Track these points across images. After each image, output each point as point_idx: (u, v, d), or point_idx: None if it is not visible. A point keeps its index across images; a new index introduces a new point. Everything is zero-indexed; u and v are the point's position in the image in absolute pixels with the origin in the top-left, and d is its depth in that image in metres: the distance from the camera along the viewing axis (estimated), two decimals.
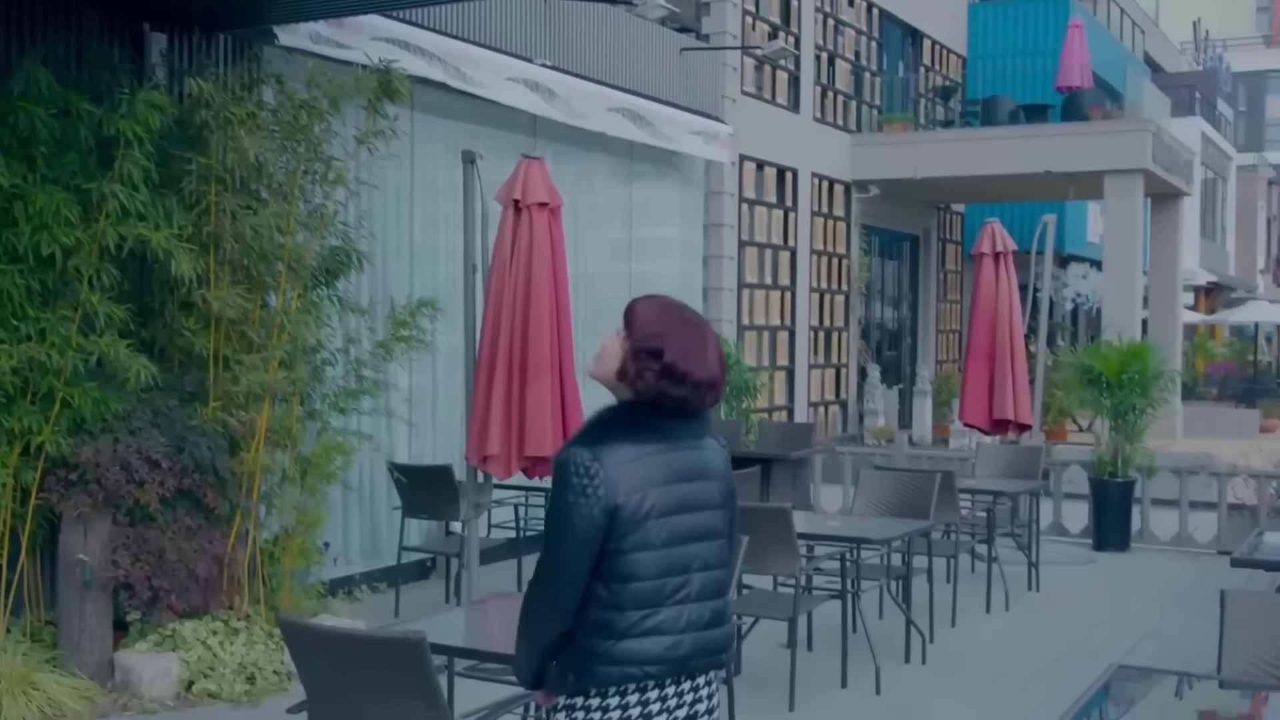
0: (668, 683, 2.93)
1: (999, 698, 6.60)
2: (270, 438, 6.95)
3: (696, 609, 2.94)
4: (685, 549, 2.93)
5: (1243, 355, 35.71)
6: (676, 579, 2.91)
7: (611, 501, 2.84)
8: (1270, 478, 11.32)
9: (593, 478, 2.85)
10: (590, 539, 2.84)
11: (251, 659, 6.45)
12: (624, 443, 2.90)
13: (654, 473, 2.90)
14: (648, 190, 12.64)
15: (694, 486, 2.96)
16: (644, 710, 2.92)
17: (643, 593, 2.88)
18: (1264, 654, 4.13)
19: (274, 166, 6.92)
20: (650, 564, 2.88)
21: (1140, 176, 16.94)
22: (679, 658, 2.91)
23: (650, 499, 2.88)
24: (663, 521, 2.90)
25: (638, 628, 2.88)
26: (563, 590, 2.89)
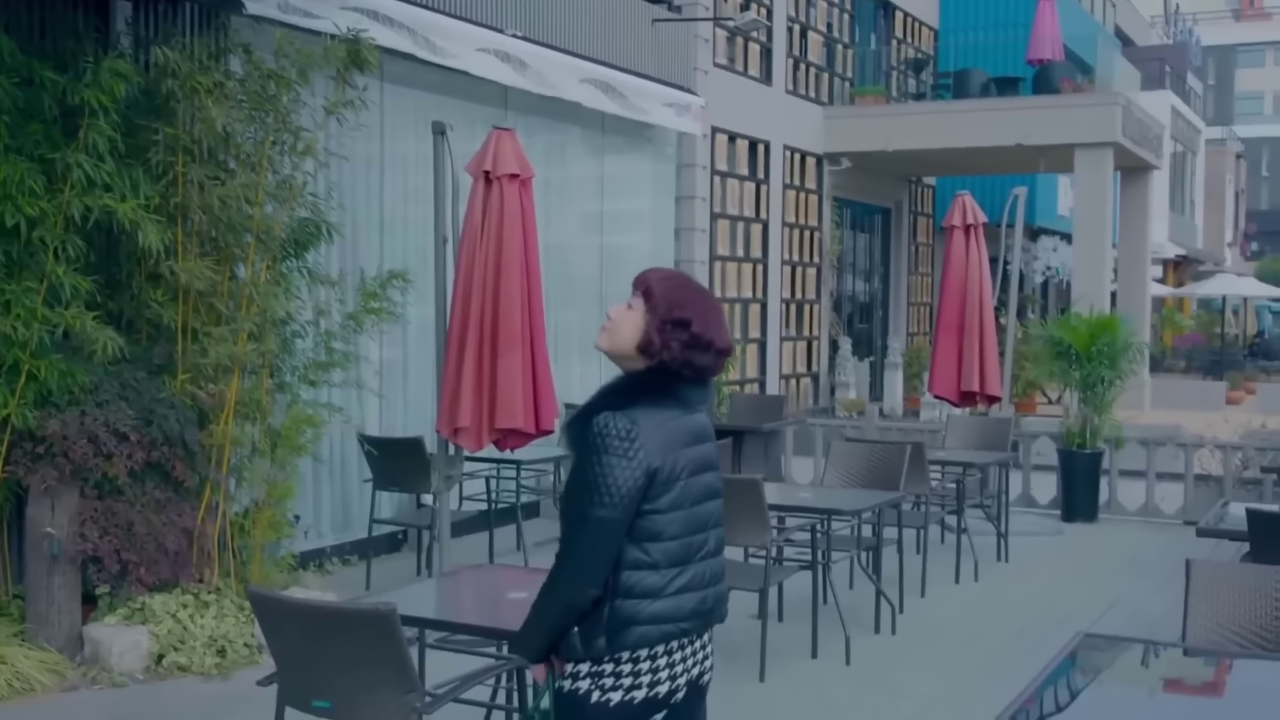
0: (694, 638, 3.06)
1: (968, 667, 6.66)
2: (240, 410, 6.91)
3: (714, 564, 3.10)
4: (704, 507, 3.07)
5: (1210, 328, 36.02)
6: (700, 536, 3.05)
7: (651, 464, 2.94)
8: (1236, 449, 11.43)
9: (633, 441, 2.93)
10: (633, 501, 2.92)
11: (222, 632, 6.43)
12: (652, 408, 3.00)
13: (678, 436, 3.03)
14: (619, 163, 12.60)
15: (704, 448, 3.10)
16: (670, 670, 3.01)
17: (675, 551, 2.99)
18: (1227, 622, 4.18)
19: (242, 137, 6.86)
20: (682, 523, 3.01)
21: (1110, 150, 17.01)
22: (707, 611, 3.06)
23: (680, 460, 3.01)
24: (689, 482, 3.03)
25: (673, 585, 2.98)
26: (603, 556, 2.93)
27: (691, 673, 3.06)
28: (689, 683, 3.06)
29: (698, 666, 3.09)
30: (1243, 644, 4.13)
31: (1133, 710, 3.58)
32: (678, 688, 3.03)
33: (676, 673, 3.02)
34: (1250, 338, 37.66)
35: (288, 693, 3.91)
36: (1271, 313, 42.72)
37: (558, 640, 3.01)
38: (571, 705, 2.99)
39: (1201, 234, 41.33)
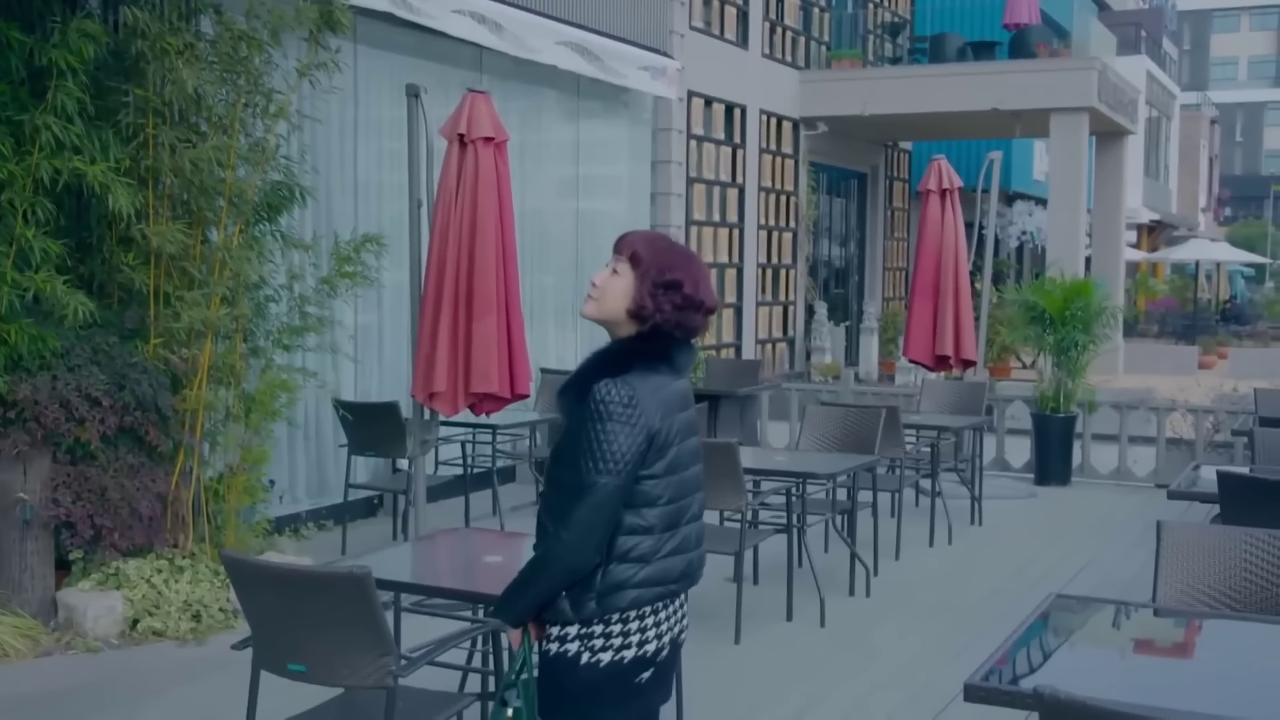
0: (679, 599, 3.11)
1: (941, 628, 6.71)
2: (213, 375, 6.87)
3: (699, 527, 3.14)
4: (692, 471, 3.10)
5: (1183, 293, 36.26)
6: (688, 499, 3.09)
7: (651, 429, 2.95)
8: (1207, 413, 11.52)
9: (634, 407, 2.93)
10: (634, 467, 2.93)
11: (197, 597, 6.42)
12: (646, 373, 3.00)
13: (672, 401, 3.04)
14: (595, 127, 12.54)
15: (690, 414, 3.13)
16: (657, 630, 3.04)
17: (669, 515, 3.02)
18: (1197, 582, 4.22)
19: (213, 99, 6.78)
20: (675, 487, 3.03)
21: (1086, 114, 17.03)
22: (693, 573, 3.11)
23: (675, 425, 3.03)
24: (680, 447, 3.05)
25: (665, 548, 3.01)
26: (605, 522, 2.92)
27: (674, 631, 3.10)
28: (670, 642, 3.09)
29: (678, 625, 3.12)
30: (1212, 604, 4.17)
31: (1104, 670, 3.61)
32: (664, 646, 3.05)
33: (663, 631, 3.04)
34: (1222, 302, 37.89)
35: (263, 656, 3.90)
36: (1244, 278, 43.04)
37: (544, 606, 3.00)
38: (561, 667, 2.98)
39: (1175, 199, 41.52)
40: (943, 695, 5.36)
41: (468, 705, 4.33)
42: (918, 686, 5.70)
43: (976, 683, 3.17)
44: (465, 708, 4.36)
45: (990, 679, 3.23)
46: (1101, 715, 2.58)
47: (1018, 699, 3.11)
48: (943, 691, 5.36)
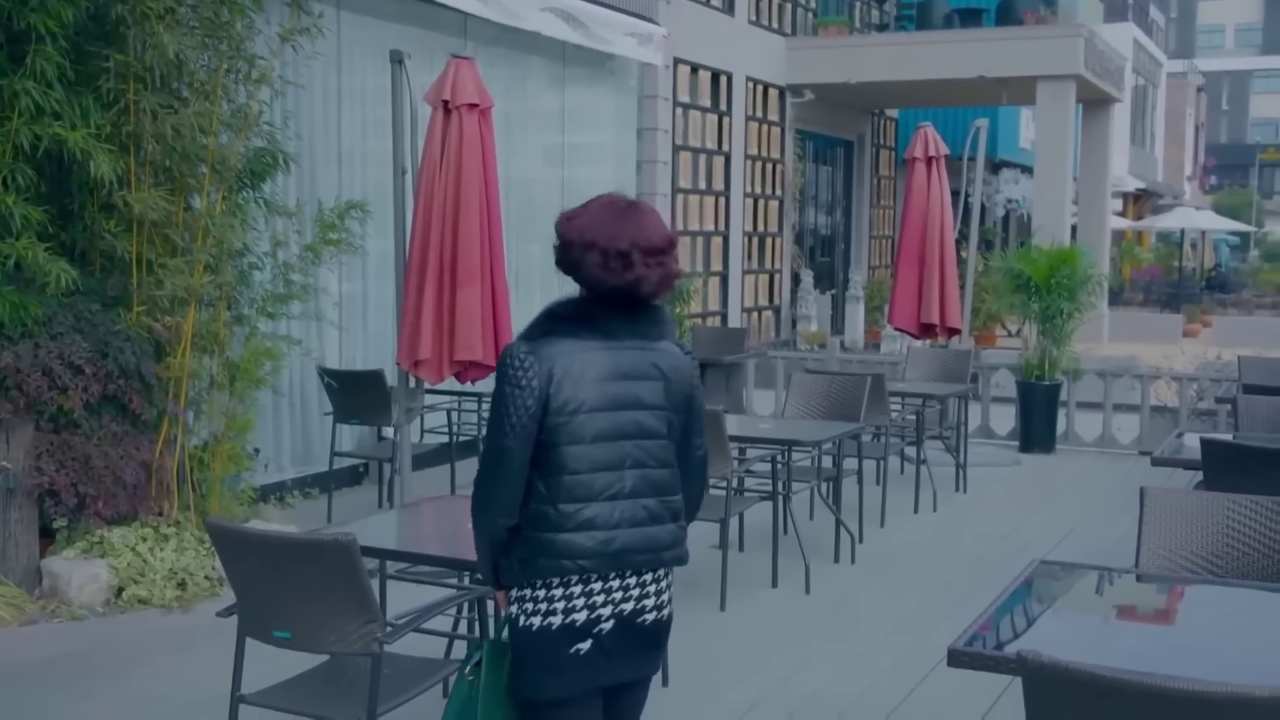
0: (610, 576, 2.97)
1: (925, 594, 6.74)
2: (197, 343, 6.85)
3: (630, 505, 2.97)
4: (618, 445, 2.96)
5: (1168, 261, 36.34)
6: (609, 474, 2.95)
7: (544, 393, 2.90)
8: (1191, 380, 11.57)
9: (527, 370, 2.91)
10: (526, 430, 2.90)
11: (182, 564, 6.42)
12: (566, 337, 2.96)
13: (590, 369, 2.94)
14: (581, 95, 12.48)
15: (631, 385, 2.97)
16: (587, 600, 2.96)
17: (575, 486, 2.93)
18: (1180, 548, 4.24)
19: (195, 64, 6.72)
20: (581, 457, 2.93)
21: (1072, 82, 17.00)
22: (612, 553, 2.95)
23: (582, 393, 2.92)
24: (594, 416, 2.93)
25: (571, 521, 2.93)
26: (501, 481, 2.94)
27: (621, 608, 2.98)
28: (616, 616, 2.98)
29: (630, 604, 2.99)
30: (1195, 570, 4.19)
31: (1087, 635, 3.63)
32: (598, 618, 2.96)
33: (595, 603, 2.96)
34: (1207, 271, 38.00)
35: (248, 624, 3.90)
36: (1229, 246, 43.14)
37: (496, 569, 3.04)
38: (511, 629, 3.02)
39: (1161, 167, 41.55)
40: (927, 661, 5.39)
41: (453, 672, 4.34)
42: (902, 652, 5.73)
43: (960, 648, 3.19)
44: (451, 674, 4.37)
45: (974, 644, 3.24)
46: (1083, 679, 2.59)
47: (1001, 664, 3.12)
48: (927, 657, 5.39)
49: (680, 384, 3.04)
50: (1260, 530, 4.17)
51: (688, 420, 3.09)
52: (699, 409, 3.12)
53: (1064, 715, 2.69)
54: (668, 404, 3.02)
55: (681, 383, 3.05)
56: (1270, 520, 4.16)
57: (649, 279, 2.98)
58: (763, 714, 5.08)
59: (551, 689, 2.97)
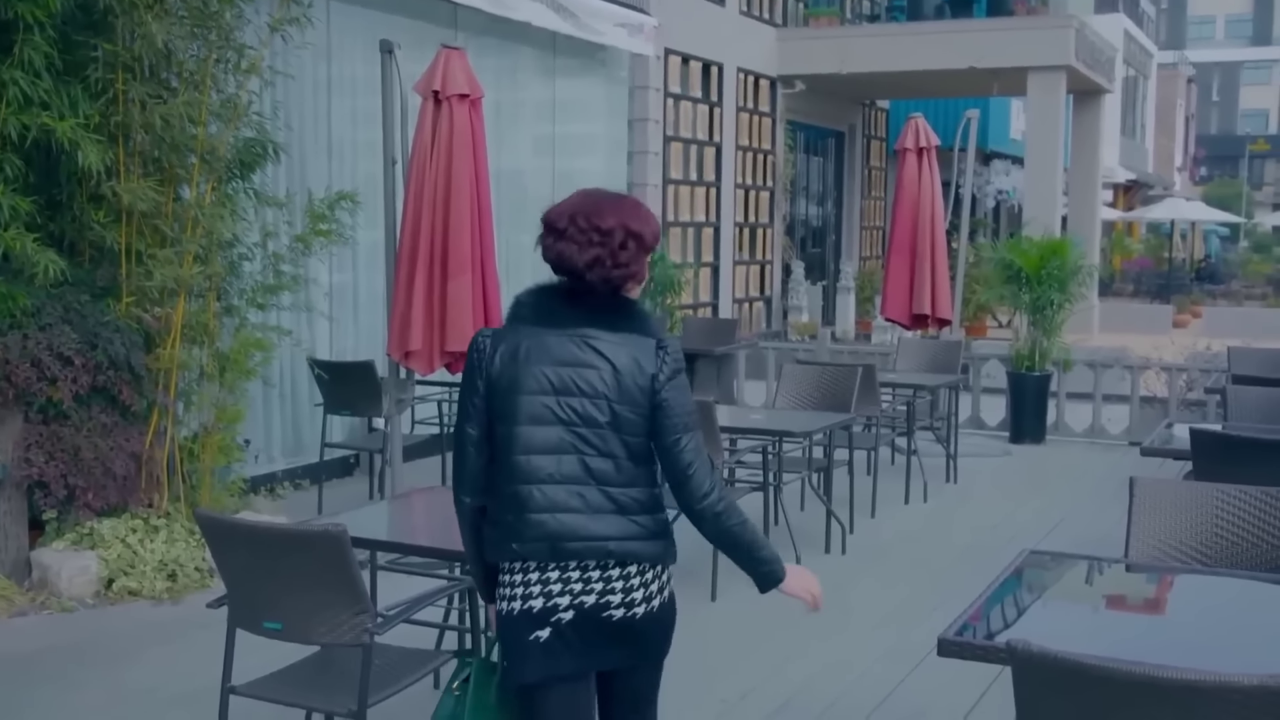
0: (554, 565, 2.95)
1: (916, 585, 6.75)
2: (187, 334, 6.83)
3: (563, 492, 2.94)
4: (553, 429, 2.94)
5: (1158, 252, 36.40)
6: (544, 458, 2.94)
7: (487, 373, 2.99)
8: (1181, 371, 11.60)
9: (481, 352, 3.01)
10: (476, 410, 3.00)
11: (172, 556, 6.41)
12: (523, 323, 3.03)
13: (531, 352, 2.96)
14: (571, 85, 12.46)
15: (570, 371, 2.95)
16: (544, 589, 2.96)
17: (514, 469, 2.96)
18: (1169, 538, 4.25)
19: (184, 54, 6.69)
20: (517, 439, 2.95)
21: (1063, 73, 17.00)
22: (544, 537, 2.94)
23: (516, 374, 2.96)
24: (527, 398, 2.95)
25: (509, 503, 2.97)
26: (461, 460, 3.04)
27: (581, 599, 2.95)
28: (576, 608, 2.94)
29: (591, 597, 2.95)
30: (1183, 559, 4.20)
31: (1076, 624, 3.64)
32: (555, 607, 2.94)
33: (551, 592, 2.95)
34: (1197, 262, 38.08)
35: (238, 615, 3.90)
36: (1219, 237, 43.20)
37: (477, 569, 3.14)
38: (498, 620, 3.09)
39: (1152, 158, 41.61)
40: (918, 650, 5.40)
41: (444, 662, 4.34)
42: (893, 642, 5.74)
43: (950, 638, 3.19)
44: (442, 665, 4.37)
45: (963, 634, 3.25)
46: (1072, 668, 2.60)
47: (990, 653, 3.13)
48: (918, 647, 5.40)
49: (634, 376, 2.95)
50: (1249, 520, 4.18)
51: (656, 416, 2.97)
52: (669, 405, 2.96)
53: (1053, 704, 2.70)
54: (613, 394, 2.94)
55: (637, 375, 2.95)
56: (1259, 510, 4.18)
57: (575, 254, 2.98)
58: (754, 703, 5.09)
59: (516, 674, 2.99)
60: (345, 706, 3.71)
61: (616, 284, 3.00)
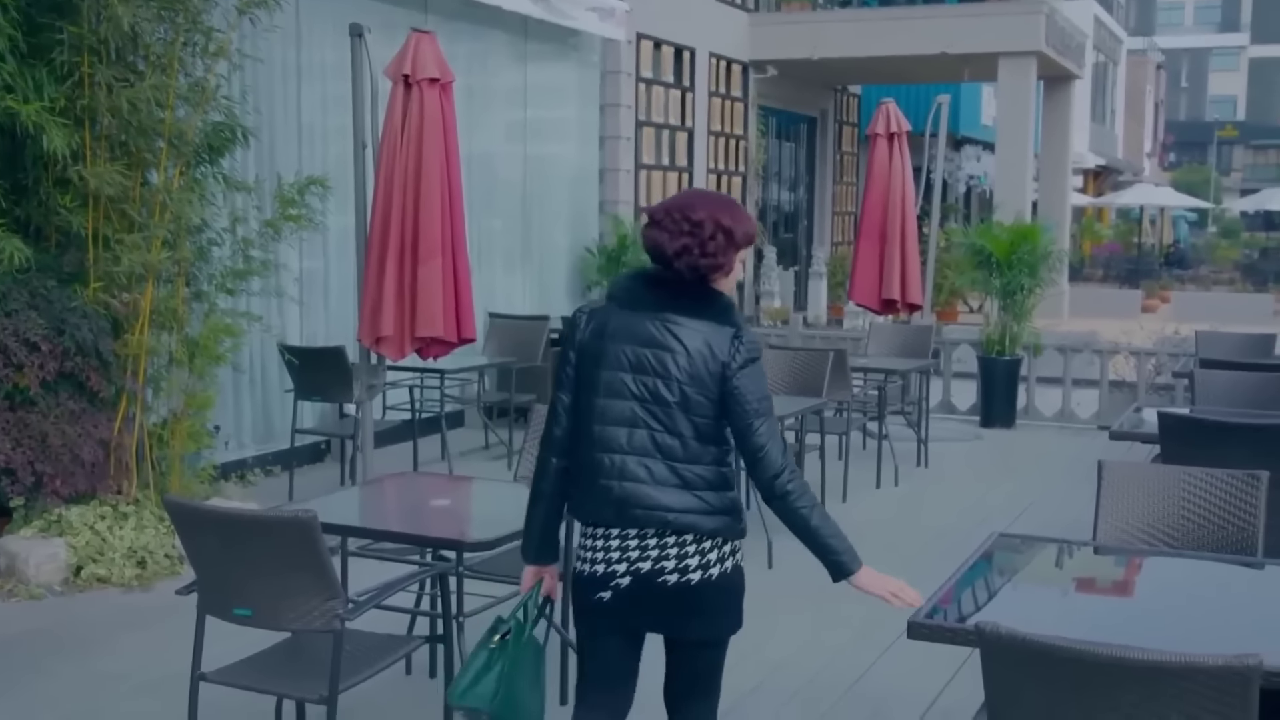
0: (616, 533, 3.19)
1: (887, 568, 6.75)
2: (155, 319, 6.78)
3: (631, 462, 3.15)
4: (626, 404, 3.16)
5: (1128, 237, 36.64)
6: (617, 429, 3.16)
7: (579, 347, 3.23)
8: (1149, 355, 11.69)
9: (576, 326, 3.26)
10: (567, 379, 3.25)
11: (142, 543, 6.37)
12: (613, 304, 3.25)
13: (615, 330, 3.18)
14: (543, 70, 12.41)
15: (647, 351, 3.15)
16: (605, 555, 3.21)
17: (592, 438, 3.19)
18: (1137, 521, 4.29)
19: (150, 37, 6.62)
20: (594, 409, 3.18)
21: (1034, 59, 17.05)
22: (611, 501, 3.17)
23: (601, 348, 3.18)
24: (608, 372, 3.17)
25: (585, 469, 3.21)
26: (552, 423, 3.28)
27: (638, 566, 3.17)
28: (633, 574, 3.17)
29: (647, 564, 3.17)
30: (1151, 542, 4.24)
31: (1045, 606, 3.67)
32: (614, 573, 3.19)
33: (612, 559, 3.19)
34: (1166, 247, 38.34)
35: (208, 601, 3.88)
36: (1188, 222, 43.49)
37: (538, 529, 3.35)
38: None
39: (1121, 144, 41.83)
40: (889, 633, 5.42)
41: (416, 648, 4.34)
42: (864, 625, 5.77)
43: (919, 620, 3.22)
44: (413, 650, 4.37)
45: (934, 617, 3.27)
46: (1039, 649, 2.62)
47: (959, 635, 3.16)
48: (889, 629, 5.41)
49: (707, 362, 3.14)
50: (1215, 502, 4.22)
51: (728, 402, 3.16)
52: (742, 392, 3.16)
53: (1021, 685, 2.72)
54: (685, 377, 3.14)
55: (709, 361, 3.14)
56: (1225, 492, 4.22)
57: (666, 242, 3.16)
58: (725, 685, 5.10)
59: (579, 627, 3.33)
60: (316, 693, 3.70)
61: (703, 273, 3.17)
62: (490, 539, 4.15)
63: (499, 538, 4.19)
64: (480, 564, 4.78)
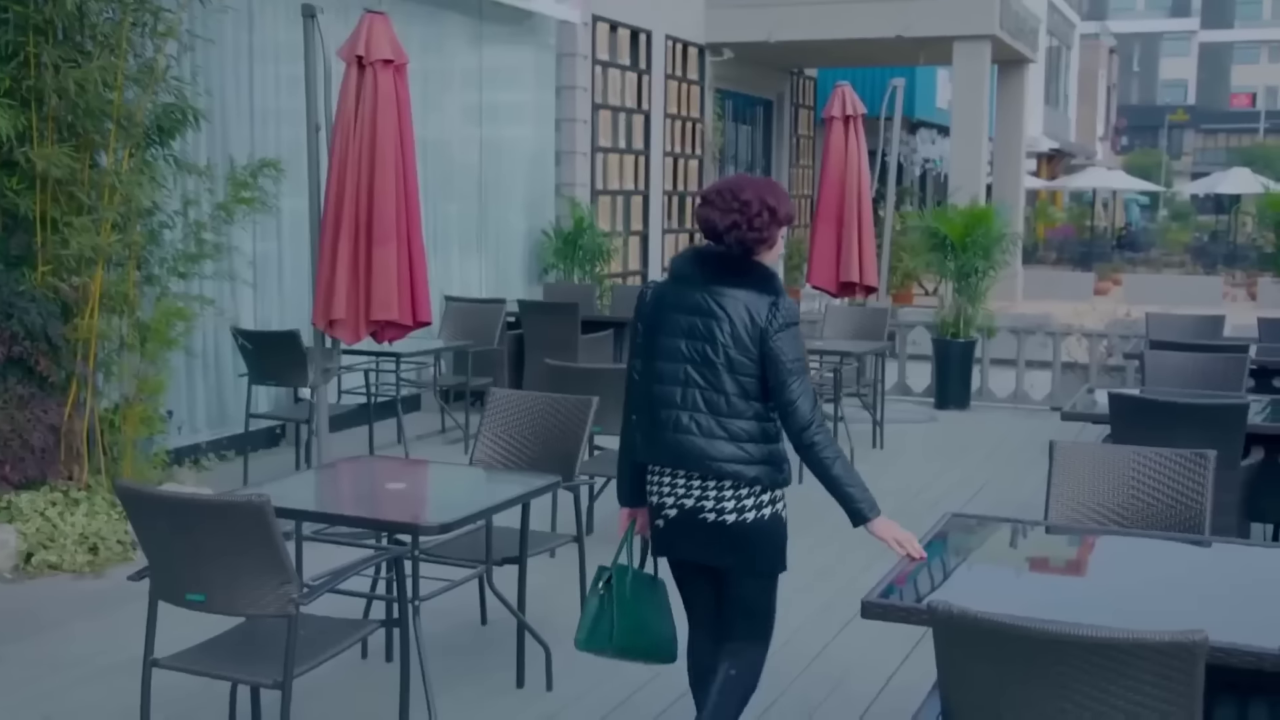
0: (667, 471, 3.73)
1: (842, 549, 6.82)
2: (106, 303, 6.70)
3: (684, 416, 3.65)
4: (680, 365, 3.66)
5: (1081, 220, 36.99)
6: (672, 387, 3.67)
7: (644, 316, 3.76)
8: (1101, 337, 11.81)
9: (643, 299, 3.80)
10: (637, 346, 3.77)
11: (94, 529, 6.31)
12: (671, 279, 3.79)
13: (671, 302, 3.70)
14: (498, 53, 12.34)
15: (696, 319, 3.64)
16: (658, 489, 3.77)
17: (650, 393, 3.71)
18: (1087, 500, 4.34)
19: (98, 16, 6.54)
20: (654, 370, 3.70)
21: (988, 43, 17.15)
22: (663, 446, 3.70)
23: (659, 318, 3.71)
24: (666, 338, 3.68)
25: (648, 421, 3.72)
26: (629, 386, 3.82)
27: (682, 501, 3.71)
28: (679, 508, 3.72)
29: (690, 500, 3.69)
30: (1101, 521, 4.29)
31: (998, 585, 3.71)
32: (664, 505, 3.75)
33: (663, 493, 3.74)
34: (1118, 229, 38.72)
35: (160, 587, 3.85)
36: (1139, 206, 43.93)
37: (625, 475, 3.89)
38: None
39: (1074, 128, 42.15)
40: (845, 614, 5.47)
41: (371, 632, 4.33)
42: (820, 606, 5.81)
43: (874, 600, 3.24)
44: (369, 634, 4.36)
45: (888, 596, 3.30)
46: (990, 627, 2.65)
47: (912, 614, 3.18)
48: (844, 610, 5.46)
49: (747, 327, 3.60)
50: (1164, 481, 4.28)
51: (766, 362, 3.60)
52: (779, 353, 3.60)
53: (972, 663, 2.75)
54: (729, 341, 3.61)
55: (750, 326, 3.60)
56: (1174, 471, 4.27)
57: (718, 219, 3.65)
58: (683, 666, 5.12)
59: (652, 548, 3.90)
60: (270, 678, 3.68)
61: (749, 246, 3.65)
62: (446, 522, 4.14)
63: (455, 521, 4.19)
64: (436, 548, 4.78)
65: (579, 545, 5.29)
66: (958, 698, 2.82)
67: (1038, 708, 2.66)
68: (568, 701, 4.75)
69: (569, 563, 5.41)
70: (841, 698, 4.86)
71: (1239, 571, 3.81)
